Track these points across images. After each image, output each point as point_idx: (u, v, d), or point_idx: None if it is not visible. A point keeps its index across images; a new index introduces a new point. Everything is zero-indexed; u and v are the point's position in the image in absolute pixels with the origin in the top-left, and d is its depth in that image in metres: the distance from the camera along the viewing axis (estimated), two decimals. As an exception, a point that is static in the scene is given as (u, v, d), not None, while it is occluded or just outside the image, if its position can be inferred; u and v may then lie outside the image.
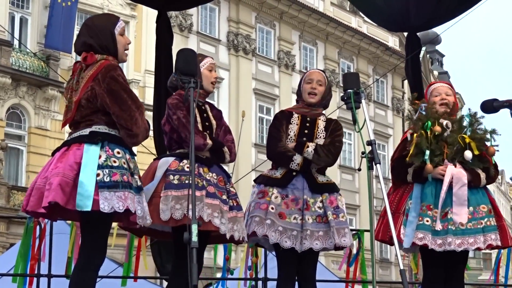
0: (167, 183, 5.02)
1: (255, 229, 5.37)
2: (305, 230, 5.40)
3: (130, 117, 4.52)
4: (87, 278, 4.50)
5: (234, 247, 19.62)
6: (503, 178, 77.95)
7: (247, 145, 29.76)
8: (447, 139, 5.32)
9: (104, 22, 4.78)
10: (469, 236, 5.24)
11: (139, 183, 4.58)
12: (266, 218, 5.38)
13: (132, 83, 26.62)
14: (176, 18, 28.13)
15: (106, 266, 5.25)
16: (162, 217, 4.92)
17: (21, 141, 24.58)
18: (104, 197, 4.35)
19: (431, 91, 5.67)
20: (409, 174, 5.39)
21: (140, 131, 4.56)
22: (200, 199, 4.93)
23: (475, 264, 54.42)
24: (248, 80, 31.62)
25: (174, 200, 4.95)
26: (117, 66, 4.64)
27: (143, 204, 4.57)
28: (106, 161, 4.44)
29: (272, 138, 5.63)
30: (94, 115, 4.58)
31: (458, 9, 8.61)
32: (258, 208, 5.44)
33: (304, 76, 5.83)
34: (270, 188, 5.52)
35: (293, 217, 5.44)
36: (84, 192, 4.34)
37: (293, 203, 5.47)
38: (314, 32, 35.55)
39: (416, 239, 5.20)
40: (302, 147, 5.53)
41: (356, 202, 35.82)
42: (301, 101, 5.78)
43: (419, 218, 5.25)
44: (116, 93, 4.52)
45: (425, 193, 5.34)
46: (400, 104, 41.00)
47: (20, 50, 24.40)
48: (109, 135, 4.55)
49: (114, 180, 4.39)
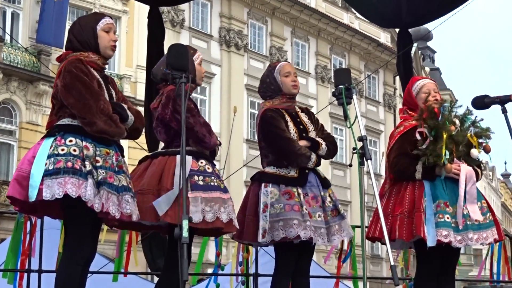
0: (193, 183, 4.95)
1: (299, 233, 5.29)
2: (333, 226, 5.47)
3: (83, 106, 4.53)
4: (72, 272, 4.50)
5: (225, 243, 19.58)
6: (494, 175, 78.19)
7: (238, 140, 29.75)
8: (455, 138, 5.34)
9: (88, 20, 4.87)
10: (483, 231, 5.35)
11: (89, 168, 4.48)
12: (304, 220, 5.34)
13: (124, 78, 26.60)
14: (168, 14, 28.09)
15: (97, 261, 5.24)
16: (194, 218, 4.82)
17: (12, 136, 24.54)
18: (47, 184, 4.40)
19: (420, 86, 5.65)
20: (418, 171, 5.37)
21: (96, 118, 4.53)
22: (227, 202, 5.01)
23: (465, 260, 54.54)
24: (240, 75, 31.61)
25: (204, 202, 4.92)
26: (77, 60, 4.67)
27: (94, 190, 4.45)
28: (54, 150, 4.48)
29: (283, 138, 5.52)
30: (61, 110, 4.65)
31: (449, 6, 8.63)
32: (292, 210, 5.37)
33: (277, 69, 5.77)
34: (293, 188, 5.47)
35: (317, 215, 5.45)
36: (33, 183, 4.42)
37: (314, 200, 5.48)
38: (306, 28, 35.56)
39: (441, 237, 5.20)
40: (318, 146, 5.55)
41: (347, 198, 35.87)
42: (280, 95, 5.73)
43: (439, 215, 5.27)
44: (70, 85, 4.56)
45: (438, 191, 5.36)
46: (392, 100, 41.05)
47: (11, 45, 24.33)
48: (70, 126, 4.60)
49: (57, 167, 4.41)
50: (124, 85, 26.42)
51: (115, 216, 4.55)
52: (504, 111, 5.22)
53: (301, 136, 5.59)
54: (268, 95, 5.79)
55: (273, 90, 5.75)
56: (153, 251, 8.13)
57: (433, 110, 5.39)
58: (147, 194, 4.91)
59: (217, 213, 4.92)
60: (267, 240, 5.40)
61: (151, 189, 4.94)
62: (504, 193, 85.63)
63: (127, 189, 4.66)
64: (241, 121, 30.70)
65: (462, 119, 5.44)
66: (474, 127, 5.43)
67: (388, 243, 4.68)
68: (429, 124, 5.37)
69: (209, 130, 5.12)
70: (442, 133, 5.31)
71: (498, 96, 5.27)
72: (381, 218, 4.71)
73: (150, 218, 4.91)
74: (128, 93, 25.79)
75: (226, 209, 4.98)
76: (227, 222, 4.98)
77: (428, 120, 5.38)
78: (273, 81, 5.75)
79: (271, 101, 5.74)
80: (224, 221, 4.96)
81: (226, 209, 4.97)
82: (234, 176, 19.63)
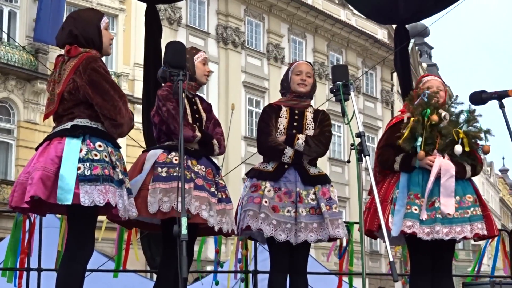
0: (155, 175, 5.02)
1: (249, 223, 5.37)
2: (299, 223, 5.42)
3: (113, 107, 4.52)
4: (74, 271, 4.50)
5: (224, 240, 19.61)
6: (492, 170, 78.22)
7: (236, 138, 29.74)
8: (442, 130, 5.33)
9: (91, 16, 4.81)
10: (456, 225, 5.27)
11: (121, 177, 4.56)
12: (260, 212, 5.38)
13: (121, 76, 26.56)
14: (165, 11, 28.07)
15: (95, 259, 5.25)
16: (150, 209, 4.92)
17: (10, 135, 24.49)
18: (85, 190, 4.34)
19: (424, 82, 5.68)
20: (397, 162, 5.39)
21: (124, 121, 4.56)
22: (188, 191, 4.93)
23: (464, 255, 54.57)
24: (237, 73, 31.60)
25: (162, 192, 4.95)
26: (98, 58, 4.65)
27: (124, 197, 4.54)
28: (87, 155, 4.43)
29: (262, 133, 5.63)
30: (76, 108, 4.59)
31: (446, 1, 8.63)
32: (252, 202, 5.44)
33: (292, 67, 5.82)
34: (263, 182, 5.51)
35: (286, 210, 5.45)
36: (64, 185, 4.34)
37: (286, 196, 5.48)
38: (303, 25, 35.53)
39: (405, 227, 5.20)
40: (293, 140, 5.54)
41: (346, 194, 35.85)
42: (289, 93, 5.78)
43: (407, 206, 5.26)
44: (98, 83, 4.52)
45: (412, 182, 5.35)
46: (389, 96, 41.04)
47: (8, 44, 24.28)
48: (91, 128, 4.55)
49: (95, 174, 4.38)
50: (121, 83, 26.38)
51: (123, 218, 4.61)
52: (502, 106, 5.23)
53: (287, 132, 5.62)
54: (282, 92, 5.87)
55: (285, 88, 5.83)
56: (152, 249, 8.15)
57: (419, 95, 5.44)
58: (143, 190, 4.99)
59: (173, 203, 4.91)
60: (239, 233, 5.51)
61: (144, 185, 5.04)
62: (502, 188, 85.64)
63: (131, 192, 4.71)
64: (239, 118, 30.70)
65: (457, 115, 5.45)
66: (471, 125, 5.42)
67: (386, 238, 4.69)
68: (411, 108, 5.41)
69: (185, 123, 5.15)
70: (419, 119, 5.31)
71: (496, 92, 5.27)
72: (379, 212, 4.69)
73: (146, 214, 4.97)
74: (126, 91, 25.68)
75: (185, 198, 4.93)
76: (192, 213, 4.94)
77: (412, 104, 5.43)
78: (286, 78, 5.83)
79: (282, 98, 5.83)
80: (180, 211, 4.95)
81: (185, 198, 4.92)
82: (232, 173, 19.61)
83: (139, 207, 4.83)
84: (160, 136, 5.27)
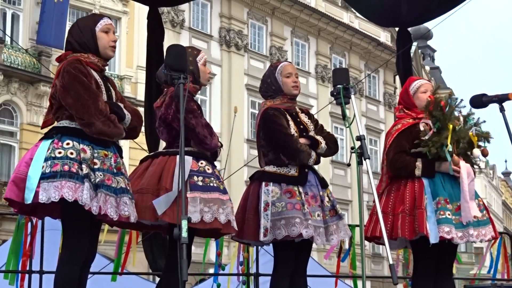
0: (192, 184, 4.96)
1: (301, 231, 5.30)
2: (331, 226, 5.49)
3: (81, 106, 4.53)
4: (70, 272, 4.52)
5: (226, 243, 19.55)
6: (494, 173, 78.17)
7: (239, 140, 29.76)
8: (460, 134, 5.35)
9: (87, 21, 4.87)
10: (482, 228, 5.40)
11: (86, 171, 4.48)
12: (306, 219, 5.34)
13: (124, 79, 26.60)
14: (168, 14, 28.10)
15: (98, 261, 5.25)
16: (193, 219, 4.81)
17: (13, 137, 24.53)
18: (44, 188, 4.41)
19: (417, 86, 5.69)
20: (418, 168, 5.40)
21: (94, 119, 4.54)
22: (226, 203, 5.01)
23: (467, 258, 54.53)
24: (240, 75, 31.61)
25: (202, 202, 4.92)
26: (77, 60, 4.67)
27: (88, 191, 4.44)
28: (51, 153, 4.49)
29: (286, 135, 5.52)
30: (59, 111, 4.66)
31: (449, 4, 8.62)
32: (294, 209, 5.37)
33: (278, 70, 5.77)
34: (294, 187, 5.47)
35: (317, 214, 5.46)
36: (29, 185, 4.44)
37: (313, 200, 5.50)
38: (306, 28, 35.55)
39: (443, 233, 5.23)
40: (317, 144, 5.55)
41: (348, 197, 35.87)
42: (280, 95, 5.74)
43: (440, 212, 5.29)
44: (68, 85, 4.56)
45: (437, 187, 5.38)
46: (392, 99, 41.04)
47: (12, 47, 24.32)
48: (67, 128, 4.60)
49: (54, 171, 4.42)
50: (124, 85, 26.43)
51: (113, 218, 4.57)
52: (502, 110, 5.24)
53: (301, 135, 5.61)
54: (269, 95, 5.79)
55: (274, 91, 5.76)
56: (154, 252, 8.13)
57: (440, 102, 5.41)
58: (147, 194, 4.92)
59: (215, 214, 4.93)
60: (269, 239, 5.40)
61: (151, 189, 4.95)
62: (505, 191, 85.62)
63: (125, 191, 4.67)
64: (242, 121, 30.70)
65: (465, 118, 5.47)
66: (476, 128, 5.45)
67: (386, 241, 4.70)
68: (434, 115, 5.39)
69: (211, 131, 5.13)
70: (447, 124, 5.32)
71: (496, 95, 5.29)
72: (380, 217, 4.71)
73: (149, 217, 4.92)
74: (129, 94, 25.79)
75: (225, 210, 4.99)
76: (225, 223, 4.99)
77: (434, 111, 5.40)
78: (274, 81, 5.76)
79: (272, 100, 5.74)
80: (223, 222, 4.97)
81: (224, 210, 4.98)
82: (234, 176, 19.60)
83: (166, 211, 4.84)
84: (176, 139, 5.13)
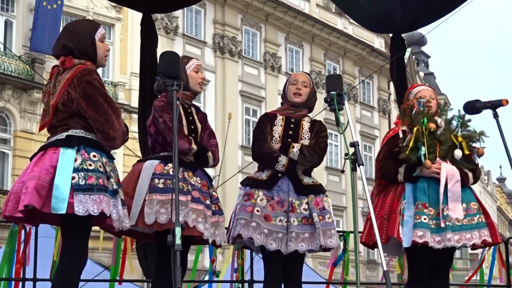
0: (152, 186, 5.03)
1: (240, 232, 5.38)
2: (290, 232, 5.41)
3: (106, 121, 4.54)
4: (69, 280, 4.51)
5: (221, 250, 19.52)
6: (489, 179, 78.28)
7: (233, 147, 29.75)
8: (440, 137, 5.34)
9: (86, 28, 4.82)
10: (466, 232, 5.31)
11: (115, 187, 4.58)
12: (252, 221, 5.38)
13: (118, 86, 26.57)
14: (161, 21, 28.10)
15: (92, 269, 5.24)
16: (146, 221, 4.94)
17: (6, 144, 24.48)
18: (79, 200, 4.36)
19: (415, 93, 5.69)
20: (400, 173, 5.39)
21: (117, 135, 4.58)
22: (185, 204, 4.96)
23: (462, 264, 54.55)
24: (234, 82, 31.61)
25: (159, 204, 4.96)
26: (93, 71, 4.65)
27: (119, 207, 4.55)
28: (82, 164, 4.45)
29: (256, 140, 5.64)
30: (70, 119, 4.60)
31: (443, 10, 8.63)
32: (244, 211, 5.44)
33: (290, 78, 5.86)
34: (256, 190, 5.52)
35: (278, 219, 5.44)
36: (59, 195, 4.36)
37: (279, 205, 5.48)
38: (300, 34, 35.58)
39: (416, 237, 5.20)
40: (288, 148, 5.54)
41: (342, 203, 35.88)
42: (286, 102, 5.80)
43: (416, 216, 5.26)
44: (92, 97, 4.53)
45: (418, 192, 5.35)
46: (386, 105, 41.10)
47: (5, 54, 24.28)
48: (85, 138, 4.57)
49: (89, 183, 4.40)
50: (118, 92, 26.39)
51: (117, 228, 4.62)
52: (496, 116, 5.24)
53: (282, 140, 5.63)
54: (282, 102, 5.91)
55: (283, 97, 5.87)
56: (148, 259, 8.12)
57: (412, 106, 5.42)
58: (128, 198, 4.97)
59: (170, 215, 4.93)
60: (230, 240, 5.52)
61: (130, 193, 5.04)
62: (500, 197, 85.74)
63: (124, 203, 4.71)
64: (236, 128, 30.69)
65: (449, 120, 5.45)
66: (464, 129, 5.43)
67: (380, 247, 4.69)
68: (406, 120, 5.40)
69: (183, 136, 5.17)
70: (414, 126, 5.31)
71: (490, 101, 5.29)
72: (373, 222, 4.71)
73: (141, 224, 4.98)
74: (123, 101, 25.76)
75: (183, 211, 4.96)
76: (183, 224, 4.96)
77: (406, 117, 5.41)
78: (284, 88, 5.87)
79: (279, 107, 5.88)
80: None
81: (182, 211, 4.95)
82: (229, 183, 19.60)
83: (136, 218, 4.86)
84: (155, 146, 5.28)
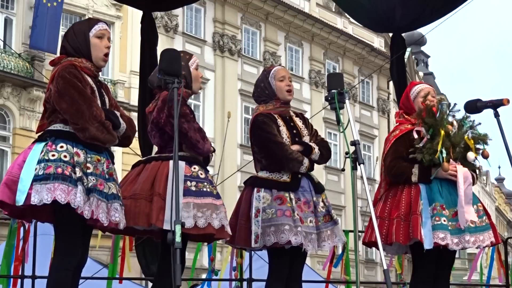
0: (185, 189, 4.95)
1: (290, 238, 5.27)
2: (324, 232, 5.45)
3: (76, 112, 4.53)
4: (62, 277, 4.51)
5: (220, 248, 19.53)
6: (488, 179, 78.26)
7: (232, 146, 29.73)
8: (452, 139, 5.34)
9: (82, 26, 4.86)
10: (479, 234, 5.37)
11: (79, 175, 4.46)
12: (296, 226, 5.31)
13: (118, 84, 26.57)
14: (161, 19, 28.08)
15: (90, 267, 5.23)
16: (186, 224, 4.76)
17: (5, 142, 24.46)
18: (36, 190, 4.40)
19: (418, 91, 5.68)
20: (414, 174, 5.38)
21: (88, 124, 4.53)
22: (220, 208, 5.00)
23: (460, 264, 54.55)
24: (233, 81, 31.59)
25: (196, 208, 4.91)
26: (71, 65, 4.67)
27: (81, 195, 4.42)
28: (44, 156, 4.48)
29: (274, 143, 5.49)
30: (53, 115, 4.65)
31: (443, 10, 8.63)
32: (283, 216, 5.35)
33: (271, 74, 5.75)
34: (286, 193, 5.44)
35: (309, 220, 5.43)
36: (22, 187, 4.43)
37: (306, 206, 5.47)
38: (300, 33, 35.56)
39: (438, 239, 5.22)
40: (310, 150, 5.52)
41: (341, 203, 35.84)
42: (274, 100, 5.71)
43: (435, 218, 5.27)
44: (63, 90, 4.56)
45: (434, 193, 5.36)
46: (386, 105, 41.08)
47: (4, 51, 24.26)
48: (61, 132, 4.59)
49: (47, 173, 4.42)
50: (118, 90, 26.38)
51: (103, 223, 4.57)
52: (497, 115, 5.23)
53: (294, 140, 5.57)
54: (262, 99, 5.76)
55: (267, 95, 5.73)
56: (147, 257, 8.11)
57: (432, 108, 5.40)
58: (140, 199, 4.91)
59: (209, 219, 4.92)
60: (260, 245, 5.39)
61: (144, 194, 4.93)
62: (498, 198, 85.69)
63: (116, 197, 4.67)
64: (235, 126, 30.68)
65: (460, 122, 5.46)
66: (472, 131, 5.44)
67: (380, 246, 4.69)
68: (427, 122, 5.38)
69: (203, 136, 5.11)
70: (439, 129, 5.31)
71: (491, 100, 5.28)
72: (374, 222, 4.71)
73: (142, 223, 4.91)
74: (122, 99, 25.76)
75: (218, 215, 4.97)
76: (219, 228, 4.98)
77: (426, 118, 5.39)
78: (267, 85, 5.72)
79: (265, 105, 5.72)
80: (216, 227, 4.96)
81: (218, 215, 4.97)
82: (228, 181, 19.60)
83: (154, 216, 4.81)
84: (168, 143, 5.12)
